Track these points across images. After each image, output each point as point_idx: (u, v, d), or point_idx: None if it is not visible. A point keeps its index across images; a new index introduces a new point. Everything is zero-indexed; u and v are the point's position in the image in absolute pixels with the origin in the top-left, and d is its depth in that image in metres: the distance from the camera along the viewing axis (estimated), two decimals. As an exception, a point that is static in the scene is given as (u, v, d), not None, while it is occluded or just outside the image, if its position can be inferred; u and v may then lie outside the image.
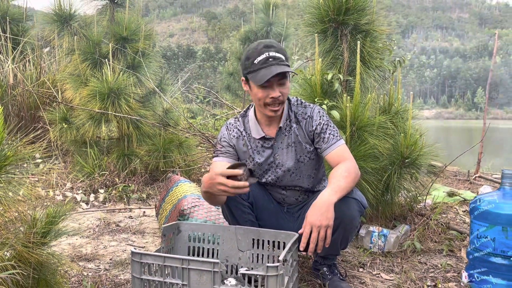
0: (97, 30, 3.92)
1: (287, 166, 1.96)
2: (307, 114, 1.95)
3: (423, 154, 2.68)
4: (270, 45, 1.83)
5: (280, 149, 1.96)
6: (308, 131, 1.94)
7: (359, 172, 1.84)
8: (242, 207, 1.95)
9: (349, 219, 1.82)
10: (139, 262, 1.54)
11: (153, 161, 3.90)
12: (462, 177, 4.92)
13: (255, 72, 1.81)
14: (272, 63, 1.79)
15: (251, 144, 1.98)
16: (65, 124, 3.92)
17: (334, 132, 1.91)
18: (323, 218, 1.61)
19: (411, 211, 2.93)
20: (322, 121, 1.92)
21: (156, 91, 4.10)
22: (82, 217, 3.02)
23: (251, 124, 1.99)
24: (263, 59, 1.80)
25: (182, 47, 70.45)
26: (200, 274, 1.49)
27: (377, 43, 2.90)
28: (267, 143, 1.97)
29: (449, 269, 2.24)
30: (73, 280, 1.97)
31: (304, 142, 1.95)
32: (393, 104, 2.92)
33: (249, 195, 1.96)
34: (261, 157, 1.97)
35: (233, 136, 1.99)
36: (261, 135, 1.96)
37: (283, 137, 1.96)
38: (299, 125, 1.95)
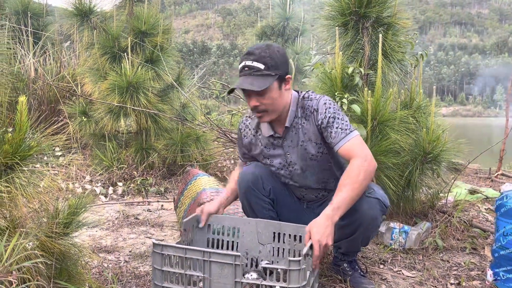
0: (116, 24, 3.94)
1: (299, 165, 1.91)
2: (312, 107, 1.86)
3: (446, 150, 2.62)
4: (252, 52, 1.77)
5: (290, 147, 1.91)
6: (316, 125, 1.85)
7: (371, 166, 1.72)
8: (263, 203, 1.94)
9: (371, 219, 1.78)
10: (160, 253, 1.54)
11: (171, 155, 3.91)
12: (483, 174, 4.82)
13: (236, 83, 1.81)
14: (245, 72, 1.75)
15: (262, 142, 1.97)
16: (84, 117, 3.96)
17: (342, 124, 1.79)
18: (325, 238, 1.56)
19: (432, 208, 2.88)
20: (328, 114, 1.81)
21: (174, 85, 4.11)
22: (101, 210, 3.05)
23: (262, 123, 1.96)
24: (241, 67, 1.78)
25: (197, 44, 70.66)
26: (221, 267, 1.48)
27: (399, 36, 2.85)
28: (277, 141, 1.93)
29: (472, 267, 2.19)
30: (93, 271, 1.99)
31: (314, 138, 1.87)
32: (415, 98, 2.87)
33: (270, 191, 1.95)
34: (273, 154, 1.95)
35: (244, 136, 2.02)
36: (270, 134, 1.93)
37: (292, 135, 1.90)
38: (307, 120, 1.87)
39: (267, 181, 1.95)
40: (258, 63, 1.74)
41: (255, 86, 1.72)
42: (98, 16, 4.03)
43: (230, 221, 1.91)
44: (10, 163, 1.39)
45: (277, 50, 1.79)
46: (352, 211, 1.75)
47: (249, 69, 1.74)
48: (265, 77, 1.74)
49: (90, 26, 3.98)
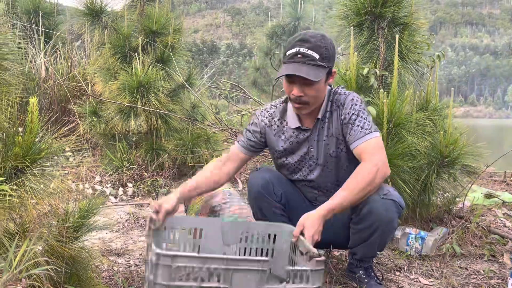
0: (127, 24, 3.91)
1: (320, 160, 1.85)
2: (340, 101, 1.81)
3: (464, 154, 2.55)
4: (306, 39, 1.68)
5: (315, 141, 1.85)
6: (340, 119, 1.80)
7: (381, 173, 1.66)
8: (274, 208, 1.88)
9: (388, 221, 1.74)
10: (168, 266, 1.31)
11: (181, 156, 3.88)
12: (498, 178, 4.72)
13: (283, 64, 1.73)
14: (297, 60, 1.66)
15: (285, 134, 1.88)
16: (95, 117, 3.94)
17: (364, 123, 1.73)
18: (316, 234, 1.58)
19: (449, 213, 2.81)
20: (353, 110, 1.76)
21: (185, 86, 4.07)
22: (111, 211, 3.02)
23: (289, 113, 1.87)
24: (292, 54, 1.68)
25: (207, 43, 70.84)
26: (245, 275, 1.36)
27: (415, 36, 2.78)
28: (302, 134, 1.85)
29: (492, 275, 2.12)
30: (103, 275, 1.95)
31: (336, 133, 1.82)
32: (431, 100, 2.80)
33: (281, 196, 1.89)
34: (296, 148, 1.87)
35: (265, 124, 1.90)
36: (297, 125, 1.85)
37: (319, 129, 1.84)
38: (333, 114, 1.83)
39: (278, 185, 1.89)
40: (314, 52, 1.66)
41: (311, 76, 1.64)
42: (109, 16, 4.01)
43: (192, 222, 1.76)
44: (21, 166, 1.36)
45: (330, 42, 1.72)
46: (368, 214, 1.72)
47: (302, 56, 1.66)
48: (318, 68, 1.66)
49: (101, 25, 3.96)
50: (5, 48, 1.56)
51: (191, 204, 2.64)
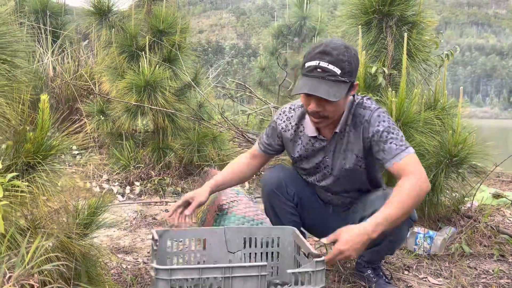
0: (134, 23, 3.92)
1: (335, 172, 1.82)
2: (364, 117, 1.70)
3: (473, 153, 2.54)
4: (327, 52, 1.55)
5: (331, 152, 1.80)
6: (364, 137, 1.71)
7: (425, 187, 1.55)
8: (287, 207, 1.88)
9: (396, 233, 1.70)
10: (167, 280, 1.33)
11: (188, 155, 3.88)
12: (506, 178, 4.70)
13: (301, 76, 1.64)
14: (317, 75, 1.55)
15: (301, 140, 1.85)
16: (102, 116, 3.95)
17: (397, 140, 1.63)
18: (352, 251, 1.46)
19: (457, 213, 2.79)
20: (381, 128, 1.66)
21: (192, 85, 4.08)
22: (118, 209, 3.03)
23: (306, 120, 1.81)
24: (311, 67, 1.57)
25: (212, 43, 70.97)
26: (244, 281, 1.38)
27: (423, 35, 2.78)
28: (319, 143, 1.81)
29: (502, 275, 2.11)
30: (112, 272, 1.96)
31: (357, 150, 1.75)
32: (439, 99, 2.78)
33: (294, 195, 1.89)
34: (311, 155, 1.85)
35: (282, 128, 1.87)
36: (314, 134, 1.80)
37: (337, 141, 1.78)
38: (356, 130, 1.73)
39: (291, 185, 1.89)
40: (335, 67, 1.54)
41: (331, 95, 1.53)
42: (117, 15, 4.02)
43: (194, 233, 1.76)
44: (32, 162, 1.37)
45: (354, 54, 1.60)
46: None
47: (322, 71, 1.54)
48: (339, 84, 1.56)
49: (108, 25, 3.97)
50: (16, 46, 1.57)
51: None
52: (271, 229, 1.78)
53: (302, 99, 1.67)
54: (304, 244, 1.58)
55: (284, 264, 1.76)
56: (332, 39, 1.63)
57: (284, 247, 1.78)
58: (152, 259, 1.54)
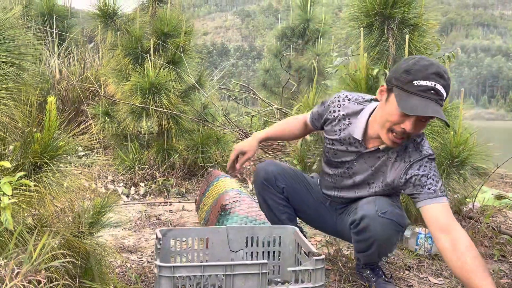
0: (139, 26, 3.97)
1: (356, 180, 1.85)
2: (411, 157, 1.68)
3: (474, 154, 2.56)
4: (442, 75, 1.52)
5: (361, 163, 1.81)
6: (400, 172, 1.70)
7: None
8: (278, 199, 1.96)
9: (385, 238, 1.72)
10: (170, 277, 1.38)
11: (192, 156, 3.93)
12: (509, 179, 4.70)
13: (407, 94, 1.53)
14: (432, 97, 1.50)
15: (341, 132, 1.83)
16: (107, 118, 4.00)
17: (435, 185, 1.63)
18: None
19: (459, 214, 2.81)
20: (422, 172, 1.64)
21: (196, 87, 4.12)
22: (123, 210, 3.07)
23: (358, 119, 1.77)
24: (426, 88, 1.50)
25: (217, 45, 71.18)
26: (245, 279, 1.42)
27: (425, 37, 2.79)
28: (356, 146, 1.80)
29: (502, 275, 2.13)
30: (117, 270, 1.99)
31: (383, 182, 1.76)
32: (441, 101, 2.80)
33: (283, 190, 1.94)
34: (340, 152, 1.85)
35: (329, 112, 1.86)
36: (358, 139, 1.77)
37: (374, 158, 1.77)
38: (396, 161, 1.72)
39: (281, 179, 1.95)
40: (445, 92, 1.53)
41: (445, 117, 1.52)
42: (122, 18, 4.07)
43: (197, 232, 1.80)
44: (40, 162, 1.41)
45: None
46: (364, 229, 1.70)
47: (436, 94, 1.51)
48: (442, 107, 1.55)
49: (114, 27, 4.02)
50: (24, 49, 1.61)
51: (202, 203, 2.68)
52: (272, 228, 1.82)
53: (395, 117, 1.57)
54: (305, 243, 1.61)
55: (285, 263, 1.79)
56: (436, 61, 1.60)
57: (285, 246, 1.81)
58: (156, 257, 1.58)
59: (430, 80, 1.50)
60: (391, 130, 1.61)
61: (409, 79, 1.53)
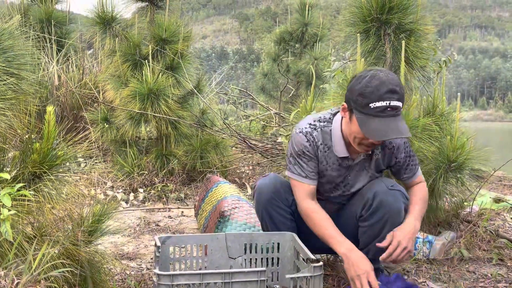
0: (137, 32, 3.99)
1: (356, 187, 1.91)
2: (392, 144, 1.87)
3: (471, 158, 2.57)
4: (394, 90, 1.59)
5: (355, 171, 1.88)
6: (389, 160, 1.90)
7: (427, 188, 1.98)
8: (285, 213, 1.89)
9: (397, 212, 1.78)
10: (169, 285, 1.38)
11: (190, 162, 3.94)
12: (508, 182, 4.71)
13: (366, 116, 1.62)
14: (389, 113, 1.59)
15: (327, 160, 1.85)
16: (106, 124, 4.01)
17: (415, 161, 1.95)
18: (410, 243, 1.71)
19: (457, 217, 2.81)
20: (407, 153, 1.91)
21: (194, 92, 4.13)
22: (122, 216, 3.08)
23: (335, 139, 1.81)
24: (382, 108, 1.58)
25: (216, 49, 71.28)
26: (243, 286, 1.43)
27: (421, 42, 2.81)
28: (345, 162, 1.85)
29: (500, 279, 2.13)
30: (116, 278, 2.00)
31: (378, 170, 1.91)
32: (438, 105, 2.82)
33: (292, 202, 1.88)
34: (335, 174, 1.88)
35: (317, 149, 1.82)
36: (345, 155, 1.82)
37: (364, 161, 1.88)
38: (384, 153, 1.88)
39: (288, 193, 1.89)
40: (401, 103, 1.62)
41: (407, 132, 1.63)
42: (120, 24, 4.09)
43: (195, 239, 1.81)
44: (38, 172, 1.42)
45: None
46: (379, 205, 1.78)
47: (393, 109, 1.59)
48: (401, 116, 1.65)
49: (112, 33, 4.04)
50: (23, 59, 1.62)
51: (201, 209, 2.68)
52: (271, 235, 1.82)
53: (361, 135, 1.67)
54: (303, 249, 1.62)
55: (284, 269, 1.80)
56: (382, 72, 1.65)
57: (284, 253, 1.82)
58: (155, 265, 1.58)
59: (384, 100, 1.59)
60: (361, 144, 1.74)
61: (365, 103, 1.61)
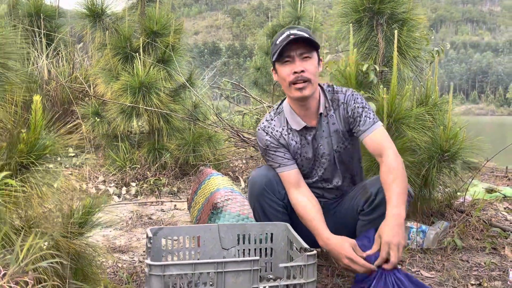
0: (128, 24, 3.94)
1: (330, 156, 1.89)
2: (340, 100, 1.88)
3: (464, 148, 2.57)
4: (293, 27, 1.81)
5: (322, 138, 1.88)
6: (344, 117, 1.87)
7: (401, 158, 1.75)
8: (277, 206, 1.86)
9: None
10: (161, 276, 1.35)
11: (183, 155, 3.90)
12: (500, 173, 4.73)
13: (277, 53, 1.77)
14: (291, 39, 1.73)
15: (295, 139, 1.89)
16: (97, 118, 3.97)
17: (370, 114, 1.83)
18: (400, 236, 1.57)
19: (450, 207, 2.82)
20: (357, 104, 1.84)
21: (186, 85, 4.10)
22: (115, 210, 3.05)
23: (288, 117, 1.89)
24: (284, 37, 1.75)
25: (208, 44, 70.95)
26: (236, 276, 1.40)
27: (414, 32, 2.80)
28: (308, 134, 1.88)
29: (493, 267, 2.14)
30: (108, 271, 1.98)
31: (342, 130, 1.88)
32: (430, 96, 2.81)
33: (284, 195, 1.87)
34: (307, 150, 1.89)
35: (279, 137, 1.88)
36: (302, 125, 1.87)
37: (324, 125, 1.88)
38: (335, 112, 1.88)
39: (281, 185, 1.87)
40: (303, 32, 1.76)
41: (313, 41, 1.74)
42: (110, 17, 4.03)
43: (188, 231, 1.78)
44: (25, 162, 1.38)
45: None
46: (381, 203, 1.74)
47: (295, 36, 1.73)
48: (312, 42, 1.76)
49: (102, 27, 3.98)
50: (9, 48, 1.58)
51: (193, 201, 2.66)
52: (264, 225, 1.81)
53: (284, 72, 1.78)
54: (297, 239, 1.60)
55: (277, 260, 1.79)
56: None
57: (277, 243, 1.80)
58: (147, 256, 1.56)
59: (283, 34, 1.77)
60: (291, 83, 1.77)
61: (274, 43, 1.81)
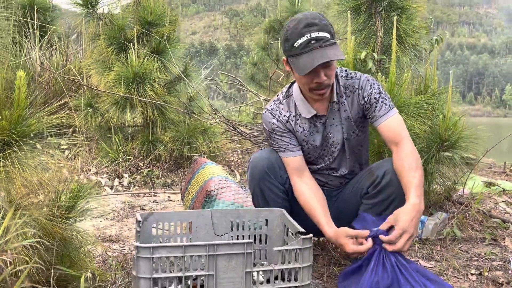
0: (122, 15, 3.88)
1: (340, 145, 1.83)
2: (355, 86, 1.78)
3: (463, 137, 2.52)
4: (312, 22, 1.61)
5: (333, 126, 1.81)
6: (359, 103, 1.79)
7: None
8: (277, 190, 1.80)
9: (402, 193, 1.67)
10: (149, 258, 1.29)
11: (178, 148, 3.84)
12: (498, 169, 4.69)
13: (295, 58, 1.63)
14: (314, 46, 1.59)
15: (303, 126, 1.82)
16: (90, 109, 3.89)
17: (386, 100, 1.75)
18: (415, 229, 1.53)
19: (448, 200, 2.77)
20: (374, 90, 1.76)
21: (182, 77, 4.03)
22: (106, 200, 2.98)
23: (298, 103, 1.81)
24: (304, 43, 1.60)
25: (205, 44, 70.96)
26: (229, 259, 1.34)
27: (413, 20, 2.75)
28: (318, 121, 1.81)
29: (494, 257, 2.09)
30: (97, 259, 1.91)
31: (354, 118, 1.81)
32: (429, 85, 2.76)
33: (286, 180, 1.81)
34: (316, 138, 1.82)
35: (286, 121, 1.81)
36: (312, 113, 1.79)
37: (335, 113, 1.80)
38: (350, 98, 1.80)
39: (283, 169, 1.81)
40: (324, 33, 1.61)
41: (340, 55, 1.60)
42: (104, 7, 3.97)
43: (180, 216, 1.72)
44: (7, 139, 1.32)
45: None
46: (388, 184, 1.71)
47: (316, 41, 1.59)
48: (334, 46, 1.62)
49: (96, 17, 3.91)
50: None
51: (187, 191, 2.60)
52: (259, 211, 1.75)
53: (304, 79, 1.67)
54: (292, 223, 1.55)
55: (272, 247, 1.72)
56: (303, 13, 1.69)
57: (272, 229, 1.74)
58: (136, 240, 1.50)
59: (304, 35, 1.60)
60: (312, 89, 1.69)
61: (291, 44, 1.64)
